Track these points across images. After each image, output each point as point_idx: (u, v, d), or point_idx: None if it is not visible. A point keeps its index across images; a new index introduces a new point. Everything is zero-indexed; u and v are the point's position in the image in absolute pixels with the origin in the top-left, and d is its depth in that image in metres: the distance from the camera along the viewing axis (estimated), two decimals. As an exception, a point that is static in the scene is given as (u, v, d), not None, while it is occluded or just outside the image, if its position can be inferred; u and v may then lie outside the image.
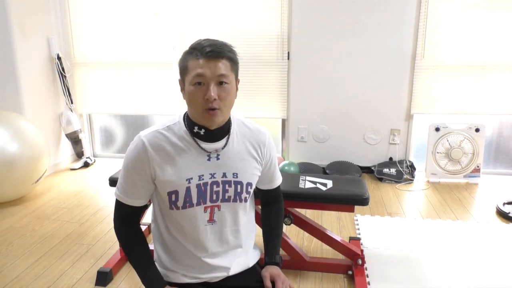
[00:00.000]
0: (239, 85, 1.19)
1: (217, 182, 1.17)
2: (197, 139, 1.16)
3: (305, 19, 3.45)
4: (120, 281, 2.00)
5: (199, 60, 1.07)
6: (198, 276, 1.23)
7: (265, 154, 1.26)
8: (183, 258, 1.23)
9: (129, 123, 4.20)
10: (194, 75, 1.08)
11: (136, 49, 3.75)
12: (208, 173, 1.16)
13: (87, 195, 3.16)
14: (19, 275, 2.04)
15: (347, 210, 1.94)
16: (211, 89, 1.07)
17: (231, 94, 1.12)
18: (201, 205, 1.17)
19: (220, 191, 1.18)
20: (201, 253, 1.21)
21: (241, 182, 1.19)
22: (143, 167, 1.13)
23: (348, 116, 3.62)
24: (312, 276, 2.03)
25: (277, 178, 1.38)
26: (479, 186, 3.33)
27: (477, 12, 3.24)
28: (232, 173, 1.18)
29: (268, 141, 1.27)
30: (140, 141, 1.14)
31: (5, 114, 3.01)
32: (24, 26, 3.35)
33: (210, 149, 1.17)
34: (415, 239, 2.39)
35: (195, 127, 1.15)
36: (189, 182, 1.14)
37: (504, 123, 3.59)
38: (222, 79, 1.09)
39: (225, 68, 1.09)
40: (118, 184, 1.19)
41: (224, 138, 1.19)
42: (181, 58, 1.14)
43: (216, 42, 1.10)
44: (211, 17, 3.56)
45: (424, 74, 3.42)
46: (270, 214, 1.41)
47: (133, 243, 1.22)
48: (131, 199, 1.18)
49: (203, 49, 1.07)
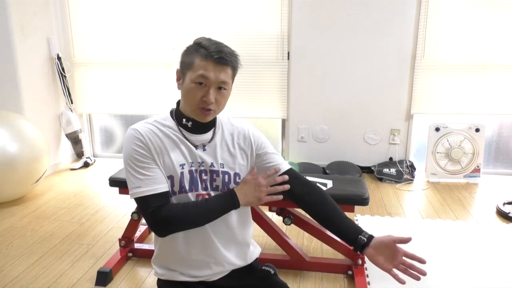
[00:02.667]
0: (239, 85, 1.20)
1: (205, 171, 1.20)
2: (184, 131, 1.20)
3: (305, 19, 3.45)
4: (120, 281, 2.00)
5: (207, 61, 1.10)
6: (195, 274, 1.23)
7: (251, 142, 1.26)
8: (180, 254, 1.22)
9: (129, 123, 4.20)
10: (198, 74, 1.10)
11: (136, 49, 3.75)
12: (197, 161, 1.19)
13: (87, 195, 3.16)
14: (19, 275, 2.04)
15: (347, 210, 1.93)
16: (211, 93, 1.11)
17: (226, 98, 1.18)
18: (193, 192, 1.18)
19: (208, 180, 1.20)
20: (197, 245, 1.21)
21: (228, 172, 1.22)
22: (147, 149, 1.14)
23: (348, 116, 3.62)
24: (312, 276, 2.03)
25: (282, 161, 1.28)
26: (479, 186, 3.33)
27: (477, 12, 3.23)
28: (219, 163, 1.21)
29: (251, 130, 1.28)
30: (133, 131, 1.17)
31: (5, 114, 3.01)
32: (24, 26, 3.35)
33: (197, 142, 1.20)
34: (415, 239, 2.39)
35: (184, 119, 1.20)
36: (182, 168, 1.17)
37: (504, 123, 3.59)
38: (222, 85, 1.13)
39: (227, 76, 1.13)
40: (131, 185, 1.13)
41: (211, 131, 1.23)
42: (187, 51, 1.15)
43: (226, 49, 1.12)
44: (211, 17, 3.56)
45: (424, 74, 3.42)
46: (313, 205, 1.22)
47: (182, 209, 1.13)
48: (157, 185, 1.12)
49: (213, 53, 1.09)
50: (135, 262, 2.16)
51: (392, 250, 1.07)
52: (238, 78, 1.23)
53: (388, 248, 1.08)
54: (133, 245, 2.22)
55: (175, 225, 1.13)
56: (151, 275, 2.04)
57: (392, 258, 1.07)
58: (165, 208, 1.12)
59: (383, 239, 1.09)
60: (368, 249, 1.10)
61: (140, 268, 2.11)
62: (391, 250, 1.08)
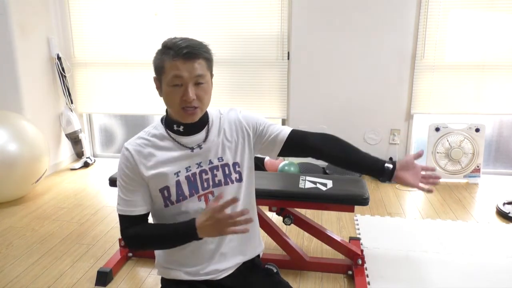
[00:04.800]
0: (239, 85, 1.20)
1: (205, 170, 1.20)
2: (177, 136, 1.19)
3: (305, 19, 3.45)
4: (120, 281, 2.00)
5: (176, 61, 1.08)
6: (199, 271, 1.22)
7: (245, 127, 1.25)
8: (184, 254, 1.22)
9: (129, 123, 4.20)
10: (172, 76, 1.09)
11: (136, 49, 3.75)
12: (195, 163, 1.19)
13: (87, 195, 3.16)
14: (19, 275, 2.04)
15: (347, 210, 1.94)
16: (189, 91, 1.09)
17: (208, 92, 1.15)
18: (194, 195, 1.18)
19: (209, 178, 1.20)
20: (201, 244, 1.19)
21: (227, 163, 1.21)
22: (134, 171, 1.16)
23: (348, 116, 3.62)
24: (312, 276, 2.03)
25: (281, 129, 1.27)
26: (479, 186, 3.33)
27: (477, 12, 3.23)
28: (217, 158, 1.21)
29: (240, 115, 1.27)
30: (125, 150, 1.18)
31: (5, 114, 3.02)
32: (24, 26, 3.35)
33: (192, 144, 1.20)
34: (415, 239, 2.39)
35: (174, 125, 1.19)
36: (178, 176, 1.17)
37: (504, 123, 3.59)
38: (199, 79, 1.11)
39: (201, 68, 1.10)
40: (118, 200, 1.19)
41: (204, 130, 1.21)
42: (156, 57, 1.14)
43: (192, 42, 1.10)
44: (211, 17, 3.56)
45: (424, 74, 3.42)
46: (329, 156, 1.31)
47: (145, 232, 1.18)
48: (133, 208, 1.17)
49: (179, 50, 1.07)
50: (135, 262, 2.16)
51: (413, 167, 1.22)
52: (239, 78, 1.23)
53: (411, 167, 1.22)
54: (133, 245, 2.22)
55: (140, 245, 1.21)
56: (151, 275, 2.05)
57: (416, 174, 1.22)
58: (133, 229, 1.17)
59: (405, 162, 1.23)
60: (397, 173, 1.22)
61: (140, 268, 2.11)
62: (413, 168, 1.22)
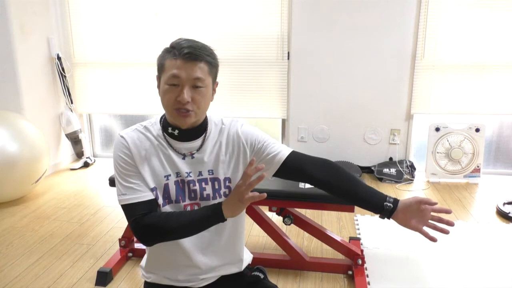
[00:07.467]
0: (239, 85, 1.18)
1: (193, 181, 1.15)
2: (171, 140, 1.15)
3: (305, 19, 3.45)
4: (120, 281, 2.00)
5: (176, 60, 1.06)
6: (182, 279, 1.21)
7: (243, 143, 1.18)
8: (167, 259, 1.20)
9: (129, 123, 4.20)
10: (170, 75, 1.06)
11: (136, 49, 3.75)
12: (184, 171, 1.15)
13: (87, 195, 3.16)
14: (19, 275, 2.04)
15: (347, 210, 1.94)
16: (185, 92, 1.06)
17: (206, 98, 1.11)
18: (180, 203, 1.15)
19: (197, 190, 1.16)
20: (185, 252, 1.17)
21: (217, 178, 1.17)
22: (131, 158, 1.12)
23: (348, 116, 3.62)
24: (312, 276, 2.03)
25: (281, 148, 1.21)
26: (479, 186, 3.33)
27: (477, 12, 3.23)
28: (207, 171, 1.16)
29: (241, 129, 1.20)
30: (120, 138, 1.14)
31: (5, 114, 3.02)
32: (24, 26, 3.35)
33: (184, 150, 1.15)
34: (415, 239, 2.38)
35: (169, 127, 1.15)
36: (167, 179, 1.14)
37: (504, 123, 3.58)
38: (197, 83, 1.07)
39: (202, 71, 1.07)
40: (118, 191, 1.13)
41: (200, 138, 1.17)
42: (160, 55, 1.12)
43: (196, 44, 1.08)
44: (211, 17, 3.55)
45: (424, 74, 3.42)
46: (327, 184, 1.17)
47: (164, 218, 1.09)
48: (141, 193, 1.11)
49: (181, 50, 1.06)
50: (135, 262, 2.16)
51: (420, 209, 1.10)
52: (239, 78, 1.21)
53: (416, 209, 1.10)
54: (133, 245, 2.22)
55: (156, 234, 1.09)
56: (151, 275, 2.04)
57: (422, 217, 1.10)
58: (148, 216, 1.09)
59: (409, 203, 1.10)
60: (396, 214, 1.12)
61: (140, 268, 2.11)
62: (419, 210, 1.10)
